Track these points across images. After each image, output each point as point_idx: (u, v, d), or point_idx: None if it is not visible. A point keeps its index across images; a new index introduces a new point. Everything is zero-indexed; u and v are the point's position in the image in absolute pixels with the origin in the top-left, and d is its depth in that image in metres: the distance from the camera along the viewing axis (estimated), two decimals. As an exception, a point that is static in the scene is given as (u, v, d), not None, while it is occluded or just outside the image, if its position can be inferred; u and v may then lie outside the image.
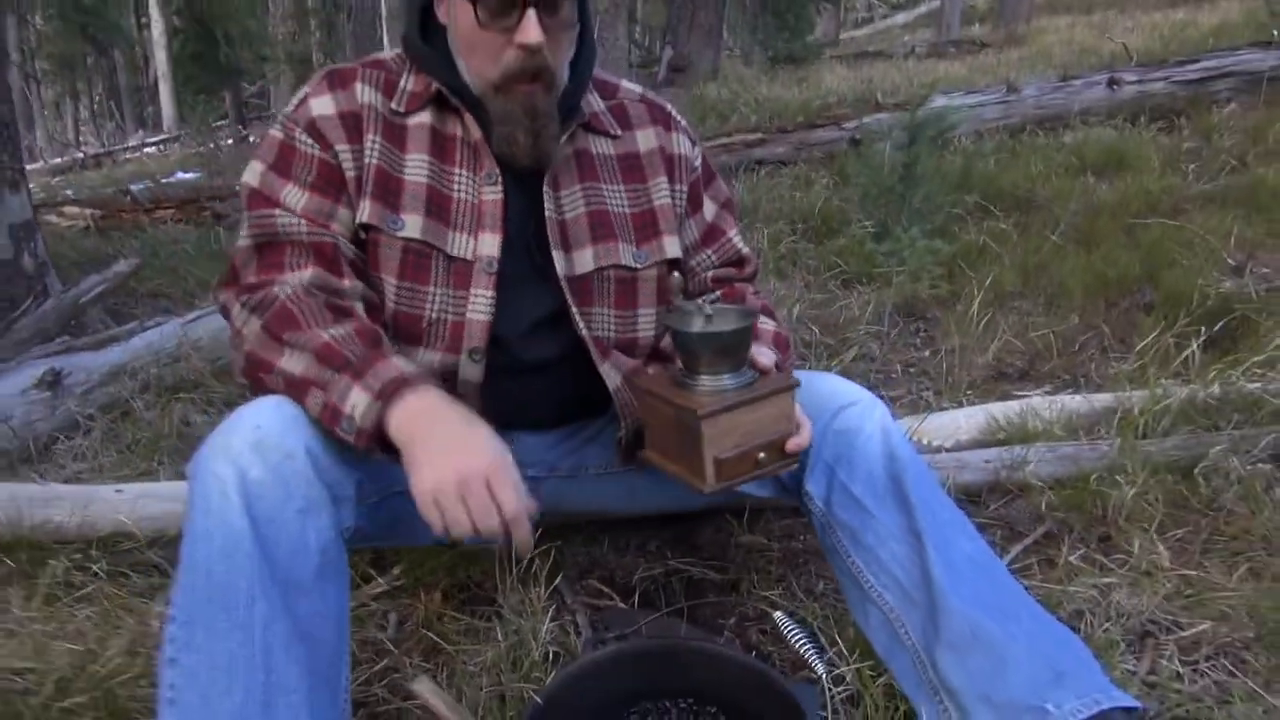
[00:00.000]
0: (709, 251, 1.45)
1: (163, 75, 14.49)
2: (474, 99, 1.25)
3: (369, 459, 1.10)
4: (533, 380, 1.35)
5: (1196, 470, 1.75)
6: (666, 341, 1.40)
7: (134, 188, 6.14)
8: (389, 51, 1.34)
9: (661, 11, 15.19)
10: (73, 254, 4.06)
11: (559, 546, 1.59)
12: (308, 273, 1.19)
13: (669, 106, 1.44)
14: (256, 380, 1.15)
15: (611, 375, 1.33)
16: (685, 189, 1.40)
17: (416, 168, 1.26)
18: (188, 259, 3.92)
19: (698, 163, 1.43)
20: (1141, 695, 1.29)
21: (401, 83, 1.28)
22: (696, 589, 1.61)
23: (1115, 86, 5.17)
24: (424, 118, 1.27)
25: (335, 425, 1.06)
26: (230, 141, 10.49)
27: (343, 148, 1.23)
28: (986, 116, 5.15)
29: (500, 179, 1.27)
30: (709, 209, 1.45)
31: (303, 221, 1.21)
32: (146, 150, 12.83)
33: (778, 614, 1.27)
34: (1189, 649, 1.41)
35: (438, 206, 1.26)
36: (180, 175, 8.15)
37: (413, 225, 1.24)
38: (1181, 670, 1.36)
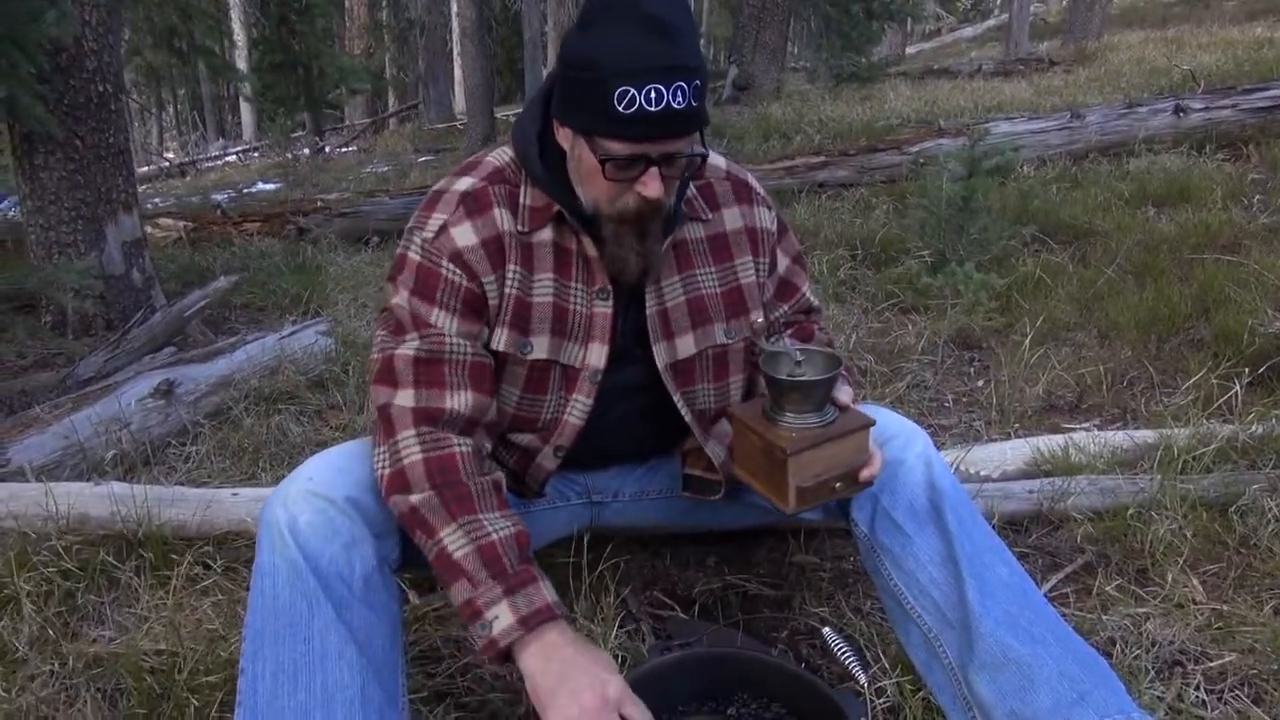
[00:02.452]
0: (785, 307, 1.56)
1: (244, 90, 15.07)
2: (590, 218, 1.31)
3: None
4: (613, 435, 1.48)
5: (1232, 509, 1.83)
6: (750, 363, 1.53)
7: (218, 198, 6.48)
8: (499, 154, 1.39)
9: (727, 22, 15.31)
10: (170, 265, 4.34)
11: (626, 560, 1.74)
12: (468, 397, 1.29)
13: (750, 180, 1.52)
14: (410, 524, 1.23)
15: (718, 452, 1.46)
16: (767, 260, 1.50)
17: (544, 288, 1.34)
18: (277, 272, 4.17)
19: (774, 227, 1.51)
20: (1164, 719, 1.39)
21: (521, 196, 1.34)
22: (751, 604, 1.74)
23: (1181, 114, 5.16)
24: (546, 234, 1.34)
25: (472, 621, 1.16)
26: (308, 152, 10.92)
27: (488, 279, 1.31)
28: (1050, 143, 5.19)
29: (611, 294, 1.36)
30: (782, 264, 1.54)
31: (466, 345, 1.30)
32: (228, 160, 13.38)
33: (826, 630, 1.40)
34: (1215, 679, 1.50)
35: (558, 321, 1.36)
36: (261, 185, 8.52)
37: (540, 347, 1.35)
38: (1206, 698, 1.45)
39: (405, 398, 1.28)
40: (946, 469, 1.42)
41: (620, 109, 1.16)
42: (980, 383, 2.68)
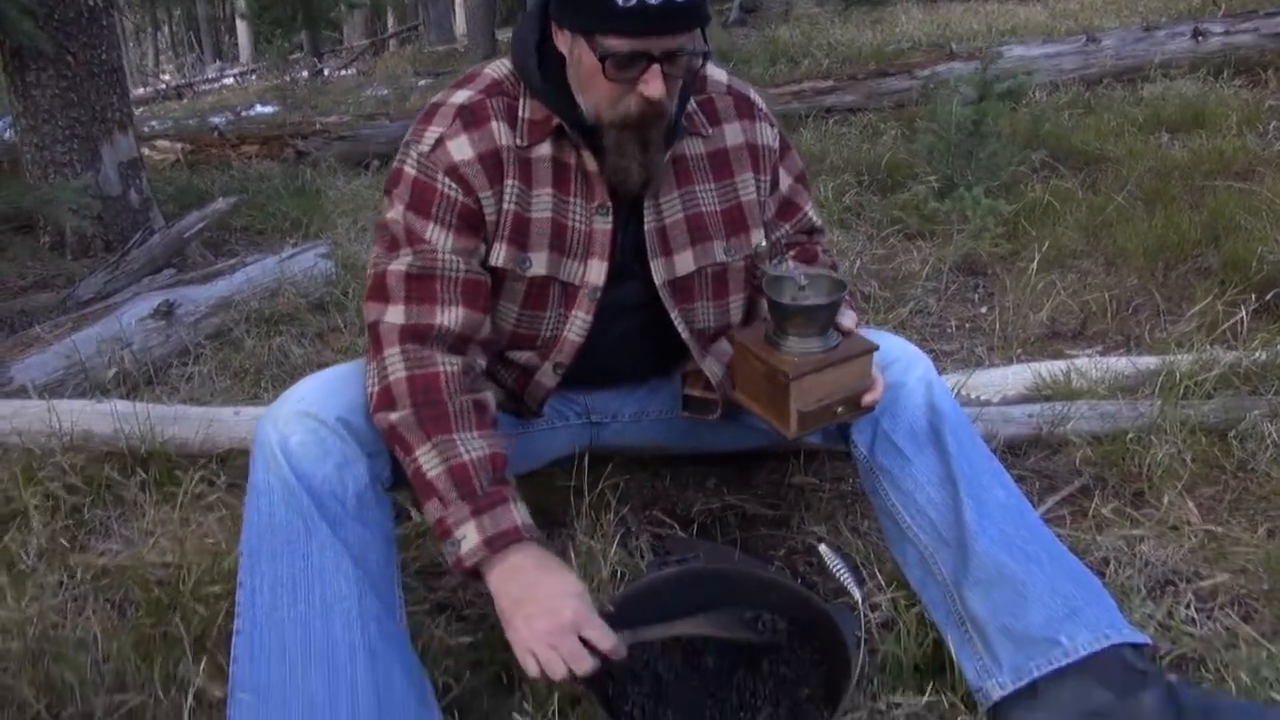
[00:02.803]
0: (786, 226, 1.53)
1: (239, 8, 14.74)
2: (589, 129, 1.28)
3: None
4: (611, 357, 1.48)
5: (1232, 434, 1.83)
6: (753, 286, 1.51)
7: (216, 120, 6.39)
8: (498, 66, 1.36)
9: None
10: (168, 188, 4.29)
11: (626, 480, 1.75)
12: (458, 313, 1.28)
13: (752, 94, 1.48)
14: (391, 447, 1.24)
15: (715, 371, 1.45)
16: (768, 177, 1.47)
17: (542, 204, 1.32)
18: (276, 195, 4.12)
19: (776, 144, 1.48)
20: (1154, 636, 1.41)
21: (520, 109, 1.31)
22: (750, 523, 1.76)
23: (1200, 38, 5.04)
24: (545, 149, 1.31)
25: (443, 539, 1.18)
26: (306, 75, 10.72)
27: (485, 194, 1.29)
28: (1064, 67, 5.08)
29: (611, 209, 1.34)
30: (784, 183, 1.51)
31: (459, 261, 1.29)
32: (225, 82, 13.14)
33: (822, 546, 1.41)
34: (1205, 598, 1.52)
35: (557, 238, 1.34)
36: (259, 108, 8.38)
37: (539, 263, 1.34)
38: (1196, 616, 1.47)
39: (395, 314, 1.27)
40: (947, 392, 1.42)
41: (619, 2, 1.14)
42: (984, 309, 2.66)
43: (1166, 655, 1.40)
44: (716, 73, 1.46)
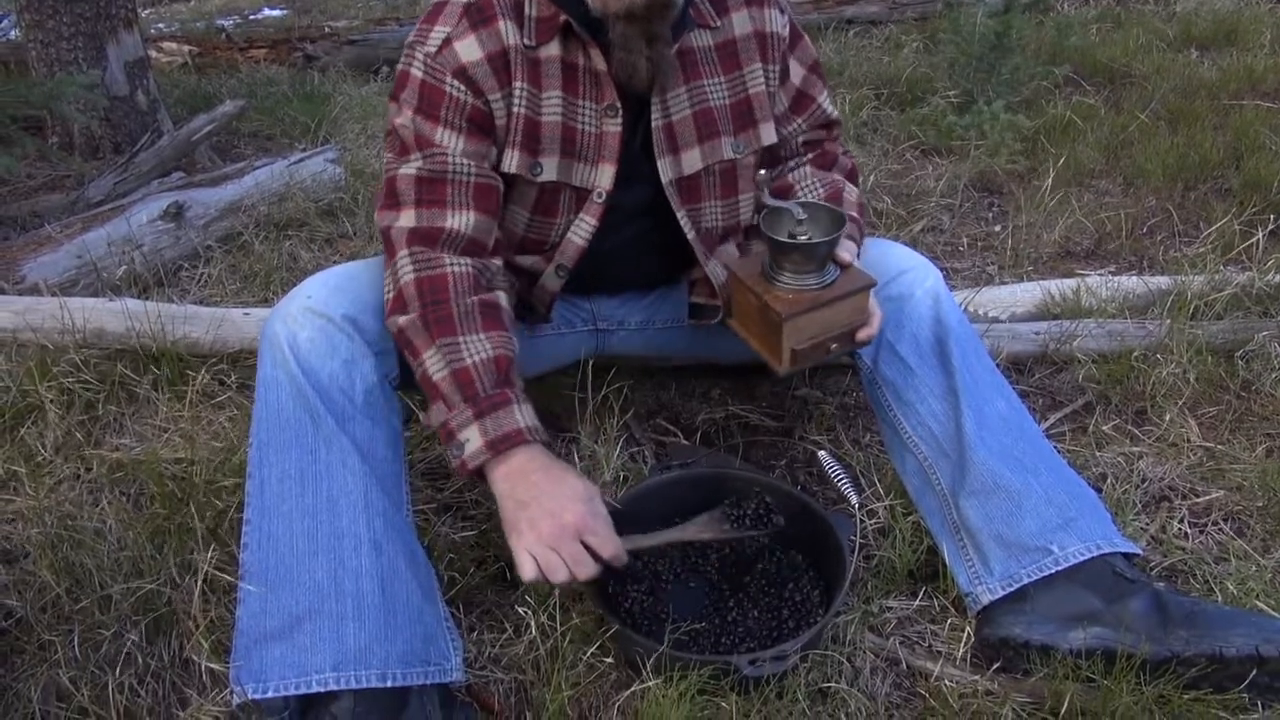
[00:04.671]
0: (799, 120, 1.49)
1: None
2: (597, 27, 1.26)
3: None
4: (618, 261, 1.48)
5: (1238, 354, 1.83)
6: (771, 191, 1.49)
7: (224, 23, 6.26)
8: None
9: None
10: (176, 91, 4.23)
11: (630, 386, 1.77)
12: (469, 217, 1.27)
13: None
14: (402, 346, 1.24)
15: (718, 273, 1.44)
16: (778, 66, 1.43)
17: (552, 107, 1.30)
18: (285, 100, 4.06)
19: (786, 31, 1.44)
20: (1146, 548, 1.44)
21: (527, 8, 1.28)
22: (753, 433, 1.78)
23: (1239, -50, 4.83)
24: (553, 49, 1.29)
25: (446, 442, 1.18)
26: (315, -23, 10.43)
27: (494, 96, 1.28)
28: (1095, -21, 4.90)
29: (620, 110, 1.31)
30: (796, 73, 1.47)
31: (470, 164, 1.27)
32: (233, -17, 12.81)
33: (821, 453, 1.43)
34: (1200, 513, 1.54)
35: (567, 141, 1.32)
36: (267, 11, 8.18)
37: (550, 169, 1.32)
38: (1189, 531, 1.50)
39: (406, 218, 1.27)
40: (955, 305, 1.42)
41: None
42: (998, 227, 2.63)
43: (1157, 566, 1.42)
44: None
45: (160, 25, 6.90)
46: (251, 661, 1.13)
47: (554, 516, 1.12)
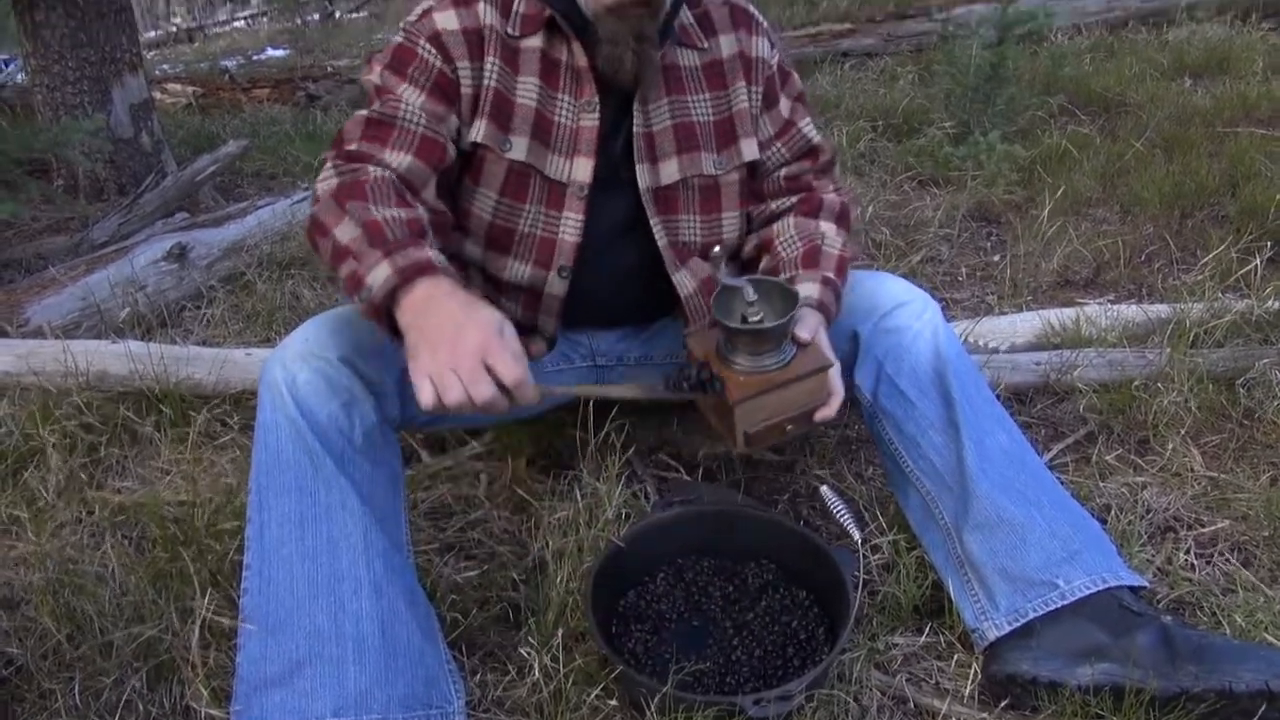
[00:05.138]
0: (779, 144, 1.50)
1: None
2: (582, 24, 1.31)
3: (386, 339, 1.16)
4: (610, 285, 1.47)
5: (1239, 382, 1.83)
6: (753, 244, 1.50)
7: (228, 64, 6.33)
8: None
9: (754, -117, 14.49)
10: (180, 131, 4.28)
11: (632, 422, 1.77)
12: (405, 158, 1.25)
13: (752, 9, 1.48)
14: (314, 243, 1.22)
15: (686, 283, 1.44)
16: (761, 89, 1.45)
17: (527, 91, 1.34)
18: (287, 139, 4.11)
19: (774, 62, 1.47)
20: (1153, 580, 1.43)
21: (516, 3, 1.34)
22: (755, 468, 1.77)
23: (1230, -21, 4.89)
24: (535, 41, 1.33)
25: (355, 293, 1.12)
26: (318, 18, 10.58)
27: (463, 65, 1.31)
28: (1088, 10, 4.96)
29: (598, 106, 1.35)
30: (784, 105, 1.49)
31: (422, 116, 1.28)
32: (236, 25, 12.99)
33: (824, 488, 1.42)
34: (1206, 544, 1.53)
35: (541, 129, 1.34)
36: (270, 51, 8.29)
37: (519, 147, 1.34)
38: (1195, 561, 1.49)
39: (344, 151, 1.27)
40: (954, 337, 1.42)
41: None
42: (996, 257, 2.64)
43: (1164, 599, 1.41)
44: None
45: (165, 67, 6.98)
46: (252, 708, 1.12)
47: (455, 340, 1.06)
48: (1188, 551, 1.50)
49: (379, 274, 1.10)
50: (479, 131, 1.33)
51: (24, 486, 1.70)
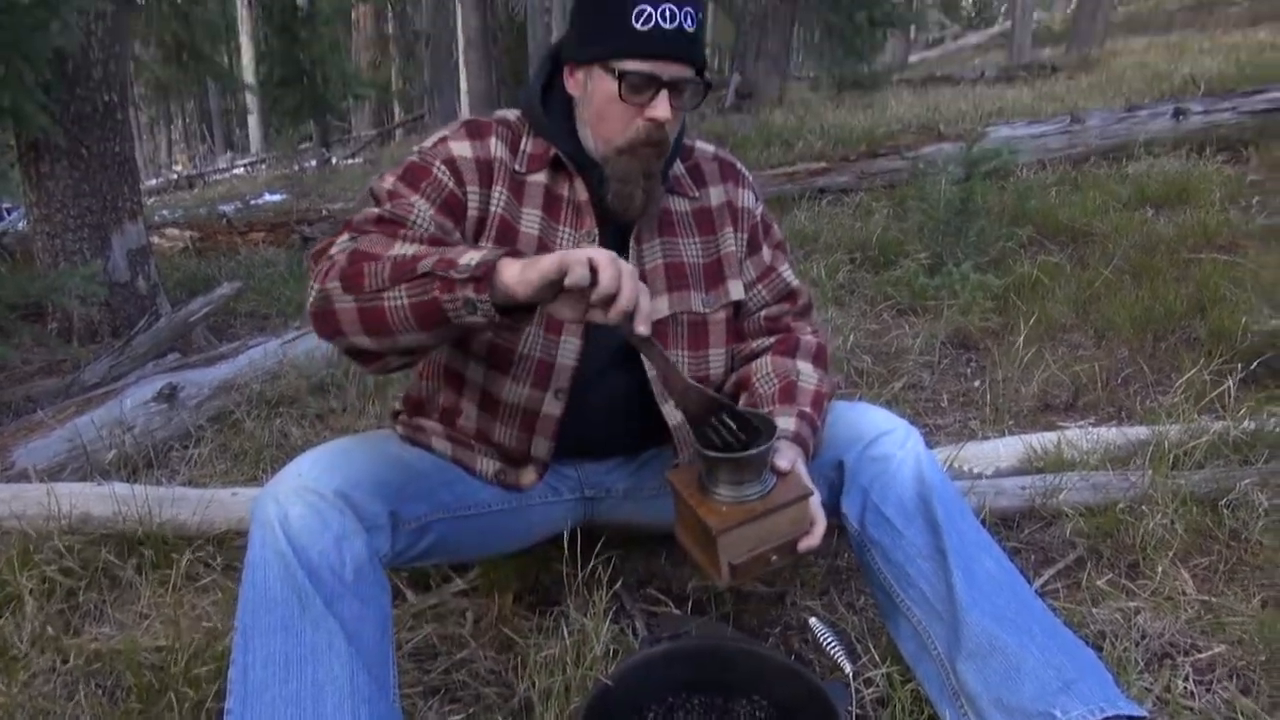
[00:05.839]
0: (761, 287, 1.58)
1: (251, 103, 15.21)
2: (585, 164, 1.41)
3: (476, 330, 1.20)
4: (603, 411, 1.50)
5: (1223, 503, 1.84)
6: (732, 381, 1.54)
7: (226, 209, 6.54)
8: (511, 111, 1.50)
9: (730, 31, 15.44)
10: (176, 274, 4.38)
11: (620, 555, 1.75)
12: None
13: (739, 165, 1.61)
14: (351, 272, 1.19)
15: (673, 414, 1.48)
16: (745, 235, 1.56)
17: (531, 221, 1.42)
18: (281, 280, 4.21)
19: (758, 213, 1.59)
20: (1152, 709, 1.40)
21: (523, 144, 1.44)
22: (745, 600, 1.75)
23: (1181, 116, 5.17)
24: (540, 178, 1.43)
25: (450, 269, 1.11)
26: (314, 164, 10.99)
27: (473, 190, 1.38)
28: (1050, 146, 5.20)
29: (598, 237, 1.42)
30: (766, 253, 1.59)
31: (431, 223, 1.33)
32: (235, 172, 13.47)
33: (813, 620, 1.41)
34: (1203, 670, 1.51)
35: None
36: (268, 196, 8.57)
37: None
38: (1194, 689, 1.46)
39: (351, 241, 1.27)
40: (937, 465, 1.44)
41: (638, 26, 1.29)
42: (976, 383, 2.69)
43: (1164, 729, 1.38)
44: (705, 145, 1.59)
45: (165, 212, 7.20)
46: None
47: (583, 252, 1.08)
48: (1186, 679, 1.48)
49: (472, 256, 1.11)
50: None
51: (-2, 635, 1.66)
